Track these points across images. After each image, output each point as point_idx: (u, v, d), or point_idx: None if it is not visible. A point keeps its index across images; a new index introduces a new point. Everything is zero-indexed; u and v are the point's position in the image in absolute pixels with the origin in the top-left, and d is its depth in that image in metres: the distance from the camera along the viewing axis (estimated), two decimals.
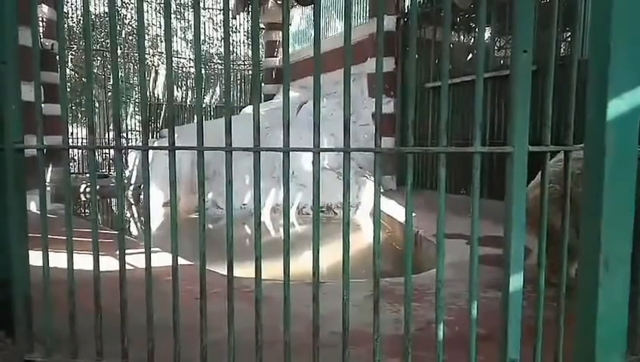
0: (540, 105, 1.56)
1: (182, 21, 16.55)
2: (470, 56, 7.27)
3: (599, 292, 1.40)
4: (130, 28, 15.89)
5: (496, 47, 6.73)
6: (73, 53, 13.50)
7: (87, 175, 10.18)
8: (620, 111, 1.37)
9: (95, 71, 12.29)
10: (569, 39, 5.43)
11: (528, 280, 1.55)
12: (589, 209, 1.44)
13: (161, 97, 13.40)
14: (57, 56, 2.53)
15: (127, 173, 9.40)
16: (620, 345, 1.45)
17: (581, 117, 1.48)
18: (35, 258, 1.87)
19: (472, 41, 7.27)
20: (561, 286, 1.59)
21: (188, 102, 13.97)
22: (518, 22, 1.44)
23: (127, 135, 13.51)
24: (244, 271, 2.46)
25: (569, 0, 4.88)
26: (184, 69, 14.42)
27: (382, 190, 1.71)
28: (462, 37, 7.44)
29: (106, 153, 13.15)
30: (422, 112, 7.34)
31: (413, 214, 1.62)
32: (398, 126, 8.11)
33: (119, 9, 15.19)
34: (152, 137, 11.07)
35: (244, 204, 6.94)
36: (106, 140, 12.42)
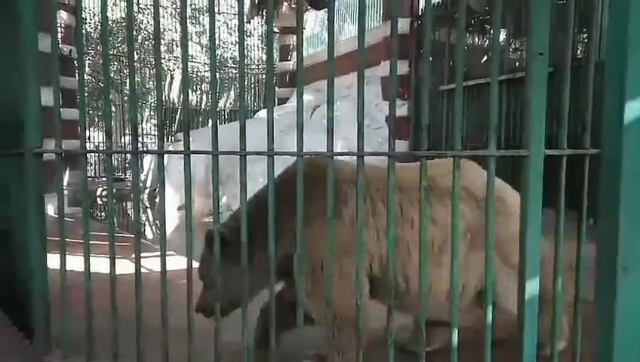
0: (556, 108, 1.55)
1: (197, 26, 16.71)
2: (485, 58, 7.21)
3: (617, 295, 1.38)
4: (146, 33, 16.09)
5: (511, 49, 6.67)
6: (91, 58, 13.71)
7: (104, 179, 10.33)
8: (637, 113, 1.35)
9: (112, 76, 12.46)
10: (585, 41, 5.36)
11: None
12: (606, 211, 1.42)
13: (176, 101, 13.54)
14: (75, 62, 2.57)
15: (142, 176, 9.50)
16: (639, 348, 1.43)
17: (598, 120, 1.46)
18: (53, 261, 1.90)
19: (486, 43, 7.22)
20: (577, 289, 1.57)
21: (203, 107, 14.08)
22: (533, 24, 1.43)
23: (142, 139, 13.66)
24: None
25: (585, 1, 4.83)
26: (199, 74, 14.55)
27: None
28: (476, 39, 7.38)
29: (122, 156, 13.31)
30: (436, 115, 7.30)
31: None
32: (412, 129, 8.07)
33: (136, 14, 15.39)
34: (168, 141, 11.17)
35: None
36: (122, 144, 12.57)
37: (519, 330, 1.48)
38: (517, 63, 6.52)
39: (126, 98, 12.73)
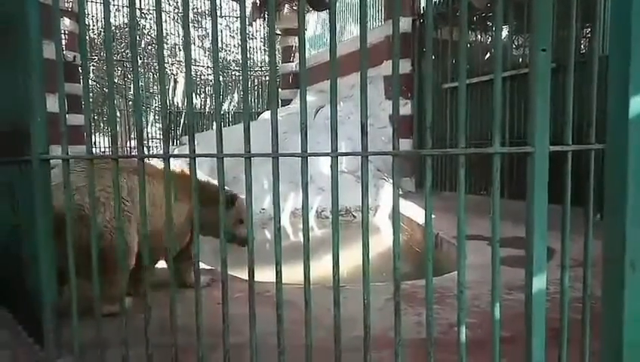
0: (560, 104, 1.54)
1: (199, 30, 16.78)
2: (488, 55, 7.19)
3: (625, 293, 1.37)
4: (149, 38, 16.16)
5: (514, 46, 6.65)
6: (95, 64, 13.79)
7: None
8: None
9: (116, 81, 12.52)
10: (589, 35, 5.34)
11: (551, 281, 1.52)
12: (612, 208, 1.41)
13: (180, 105, 13.58)
14: (80, 68, 2.58)
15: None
16: None
17: (603, 115, 1.45)
18: None
19: (489, 40, 7.20)
20: (585, 286, 1.56)
21: (207, 110, 14.13)
22: (536, 20, 1.42)
23: (148, 143, 13.71)
24: (265, 275, 2.47)
25: None
26: (202, 77, 14.61)
27: (400, 192, 1.70)
28: (479, 36, 7.37)
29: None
30: (440, 114, 7.29)
31: (433, 216, 1.61)
32: (416, 128, 8.06)
33: (139, 20, 15.46)
34: (173, 145, 11.22)
35: (263, 209, 6.98)
36: (128, 148, 12.64)
37: (527, 326, 1.48)
38: (520, 60, 6.50)
39: (131, 103, 12.80)
